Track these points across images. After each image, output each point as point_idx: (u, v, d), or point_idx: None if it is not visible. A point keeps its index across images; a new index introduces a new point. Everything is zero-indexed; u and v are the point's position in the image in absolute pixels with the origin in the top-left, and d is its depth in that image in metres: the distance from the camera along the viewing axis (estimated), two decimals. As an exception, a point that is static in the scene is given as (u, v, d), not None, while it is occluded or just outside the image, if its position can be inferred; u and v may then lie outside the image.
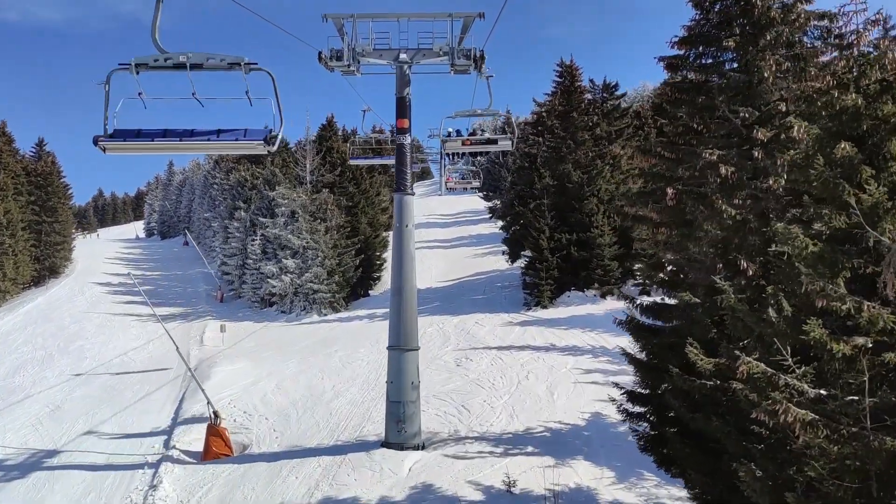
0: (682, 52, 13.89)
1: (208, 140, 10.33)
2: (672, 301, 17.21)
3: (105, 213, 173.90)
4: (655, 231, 12.91)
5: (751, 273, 11.25)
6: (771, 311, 9.84)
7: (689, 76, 14.11)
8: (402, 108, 19.70)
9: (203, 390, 20.59)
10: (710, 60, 13.61)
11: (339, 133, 59.86)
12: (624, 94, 46.59)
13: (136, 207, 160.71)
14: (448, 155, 25.04)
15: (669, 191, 12.54)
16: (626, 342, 29.94)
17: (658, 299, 32.54)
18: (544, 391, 23.38)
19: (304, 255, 43.94)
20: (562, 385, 23.87)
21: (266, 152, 10.29)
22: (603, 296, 37.11)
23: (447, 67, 19.99)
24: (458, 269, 52.78)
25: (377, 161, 30.18)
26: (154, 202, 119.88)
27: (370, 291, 48.40)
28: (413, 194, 19.53)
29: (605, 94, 45.39)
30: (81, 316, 46.18)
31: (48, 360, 34.79)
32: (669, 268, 14.90)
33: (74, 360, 34.88)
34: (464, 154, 26.45)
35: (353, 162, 25.93)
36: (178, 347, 21.33)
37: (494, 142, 24.12)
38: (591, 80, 45.04)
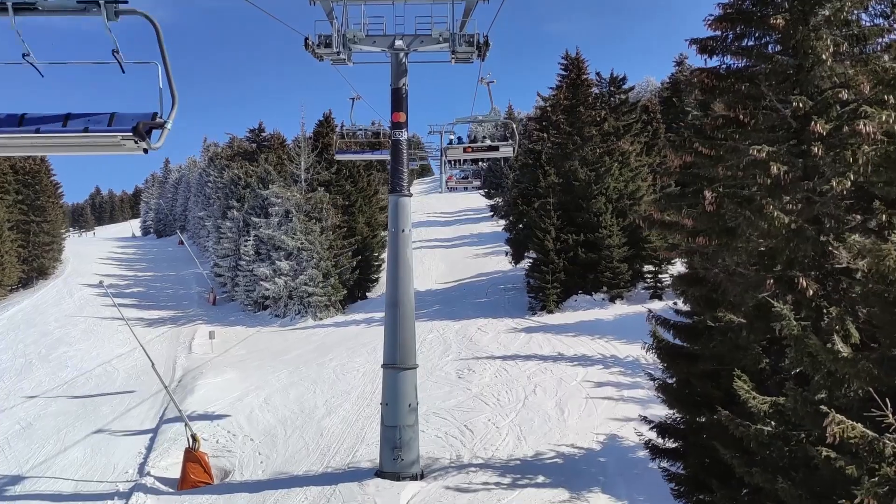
0: (718, 33, 12.03)
1: (37, 132, 6.49)
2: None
3: (102, 210, 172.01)
4: (690, 240, 11.06)
5: (811, 293, 9.40)
6: (838, 341, 8.02)
7: (726, 60, 12.25)
8: (398, 101, 17.80)
9: (180, 411, 18.79)
10: (751, 42, 11.73)
11: (337, 129, 57.99)
12: (632, 88, 44.75)
13: (134, 205, 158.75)
14: (449, 161, 23.92)
15: (708, 194, 10.68)
16: (639, 351, 28.26)
17: (671, 304, 30.31)
18: (553, 408, 21.54)
19: (298, 256, 42.10)
20: (572, 401, 22.03)
21: (142, 151, 6.41)
22: (612, 300, 35.28)
23: (447, 55, 18.11)
24: (459, 269, 50.96)
25: (367, 157, 27.23)
26: (150, 200, 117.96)
27: (368, 294, 46.54)
28: (410, 195, 17.65)
29: (612, 88, 43.52)
30: (67, 320, 44.38)
31: (27, 370, 32.96)
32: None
33: (54, 369, 33.05)
34: (465, 161, 25.40)
35: (339, 157, 23.42)
36: (153, 364, 19.54)
37: (496, 148, 22.93)
38: (598, 74, 43.28)
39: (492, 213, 71.46)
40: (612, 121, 39.44)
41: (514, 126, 23.64)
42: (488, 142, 23.79)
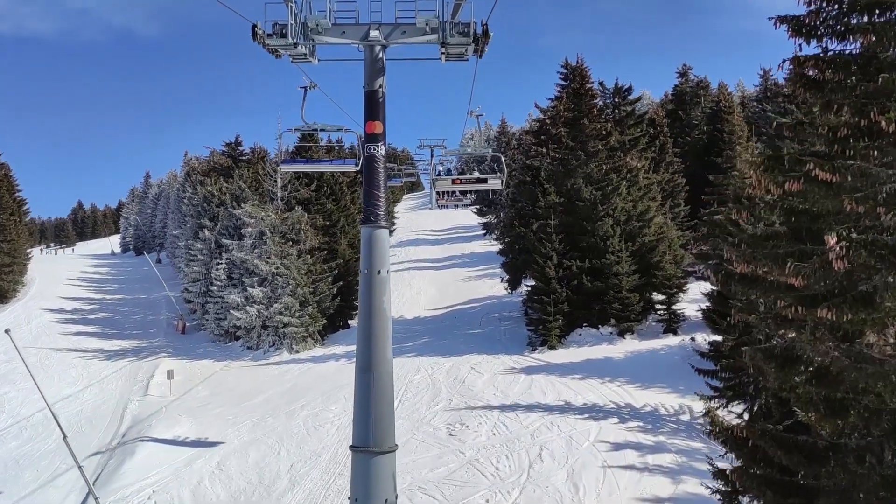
0: (819, 7, 8.40)
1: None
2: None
3: (84, 225, 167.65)
4: (802, 310, 7.34)
5: None
6: None
7: (828, 45, 8.61)
8: (373, 107, 13.89)
9: (96, 499, 14.85)
10: (877, 17, 8.07)
11: (323, 143, 54.30)
12: (639, 99, 41.22)
13: (117, 220, 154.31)
14: (439, 193, 22.00)
15: (832, 240, 6.96)
16: (658, 399, 24.53)
17: (689, 339, 26.08)
18: (565, 482, 17.73)
19: (273, 282, 38.14)
20: (587, 471, 18.24)
21: None
22: (621, 334, 31.57)
23: (437, 50, 14.25)
24: (451, 294, 47.26)
25: (325, 167, 21.64)
26: (130, 216, 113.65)
27: (350, 322, 42.58)
28: (387, 227, 13.81)
29: (616, 99, 40.04)
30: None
31: (-44, 417, 28.84)
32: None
33: (-12, 415, 28.98)
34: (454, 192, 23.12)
35: (284, 168, 18.30)
36: (65, 437, 15.63)
37: (484, 181, 20.79)
38: (601, 83, 39.75)
39: (484, 232, 68.06)
40: (617, 134, 35.93)
41: (503, 159, 21.54)
42: (477, 173, 21.80)
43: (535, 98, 65.45)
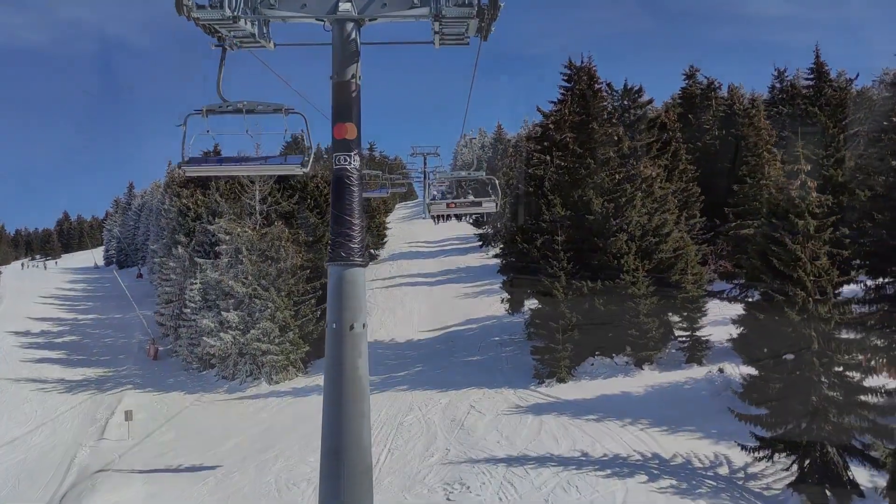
0: None
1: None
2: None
3: (70, 237, 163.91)
4: None
5: None
6: None
7: None
8: (344, 104, 10.10)
9: None
10: None
11: (312, 151, 50.75)
12: (650, 101, 37.85)
13: (102, 232, 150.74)
14: (433, 216, 20.27)
15: None
16: (686, 443, 21.03)
17: (716, 371, 22.41)
18: (593, 573, 14.22)
19: (249, 305, 34.57)
20: (619, 556, 14.75)
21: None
22: (638, 364, 28.07)
23: (428, 28, 10.66)
24: (446, 313, 43.71)
25: (256, 168, 10.94)
26: (113, 228, 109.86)
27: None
28: (363, 265, 10.24)
29: (626, 102, 36.70)
30: (-30, 384, 36.47)
31: None
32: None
33: (-83, 466, 25.32)
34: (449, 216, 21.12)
35: (190, 171, 10.09)
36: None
37: (479, 204, 18.96)
38: (609, 84, 36.41)
39: (480, 244, 64.73)
40: (628, 140, 32.56)
41: (498, 182, 19.82)
42: (471, 196, 20.74)
43: (527, 107, 62.21)
